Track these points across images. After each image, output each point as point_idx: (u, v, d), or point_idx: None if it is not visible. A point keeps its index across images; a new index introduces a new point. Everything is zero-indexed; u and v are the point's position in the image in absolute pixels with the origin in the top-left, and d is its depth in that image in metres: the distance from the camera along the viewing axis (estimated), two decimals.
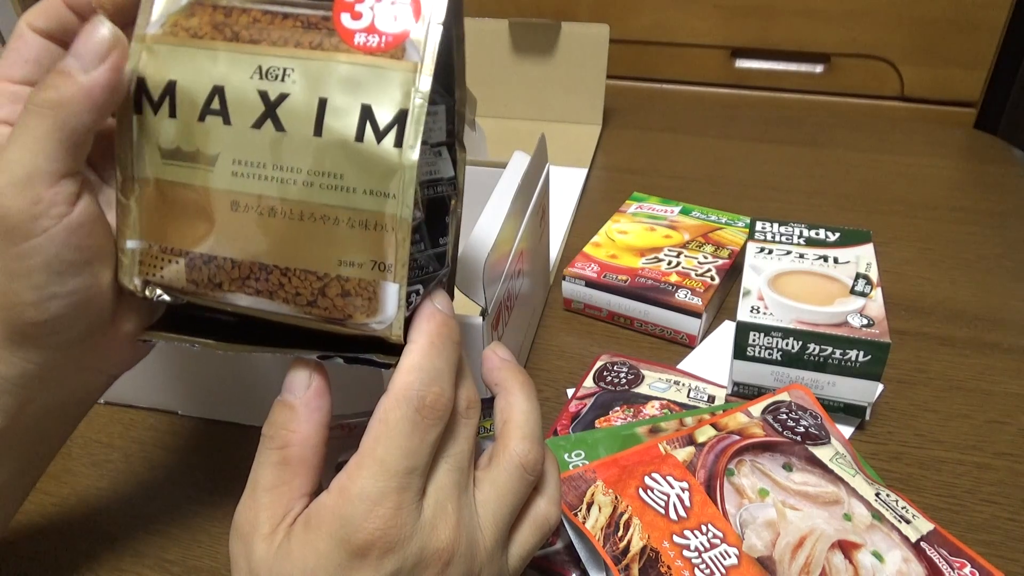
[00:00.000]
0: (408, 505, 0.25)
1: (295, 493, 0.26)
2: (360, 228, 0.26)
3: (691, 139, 0.82)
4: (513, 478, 0.28)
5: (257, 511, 0.26)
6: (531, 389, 0.30)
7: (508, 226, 0.41)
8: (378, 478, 0.25)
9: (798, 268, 0.49)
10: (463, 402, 0.28)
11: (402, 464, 0.25)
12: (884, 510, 0.36)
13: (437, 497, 0.26)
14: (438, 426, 0.26)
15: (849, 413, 0.45)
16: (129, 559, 0.38)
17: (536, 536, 0.30)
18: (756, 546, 0.34)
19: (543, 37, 0.81)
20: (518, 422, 0.29)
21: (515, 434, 0.29)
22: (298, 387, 0.27)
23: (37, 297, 0.26)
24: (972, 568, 0.34)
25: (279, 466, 0.26)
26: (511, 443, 0.28)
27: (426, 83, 0.25)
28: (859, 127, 0.84)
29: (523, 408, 0.29)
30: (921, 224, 0.66)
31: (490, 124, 0.69)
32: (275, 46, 0.26)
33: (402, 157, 0.25)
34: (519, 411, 0.29)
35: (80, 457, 0.44)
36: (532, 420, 0.29)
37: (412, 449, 0.25)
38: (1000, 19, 0.82)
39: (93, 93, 0.25)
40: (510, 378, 0.30)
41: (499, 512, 0.28)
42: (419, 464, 0.25)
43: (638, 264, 0.55)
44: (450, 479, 0.27)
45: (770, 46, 0.91)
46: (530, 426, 0.29)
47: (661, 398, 0.46)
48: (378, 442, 0.25)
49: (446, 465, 0.27)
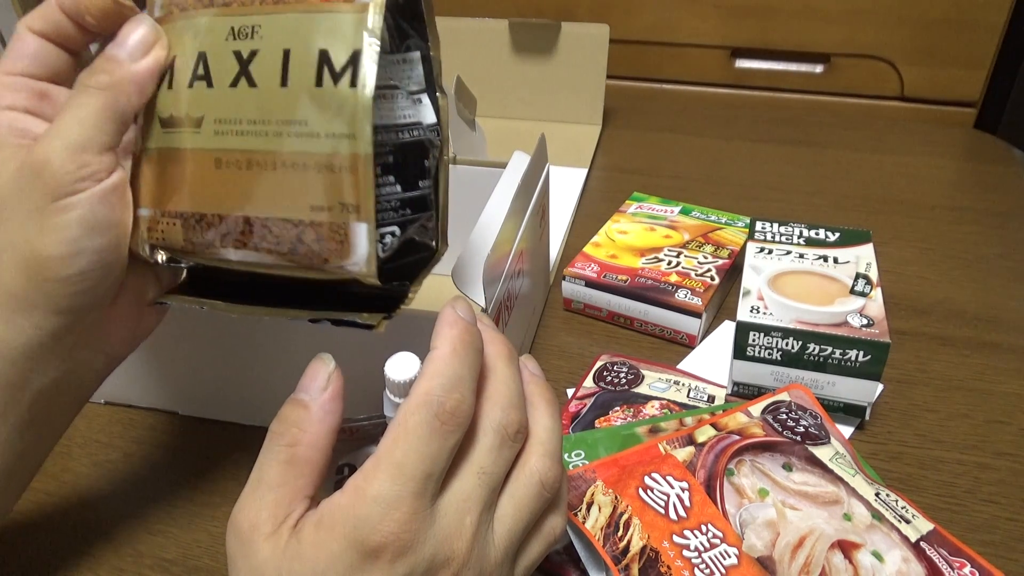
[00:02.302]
0: (423, 510, 0.25)
1: (299, 494, 0.26)
2: (326, 171, 0.26)
3: (691, 139, 0.82)
4: (531, 495, 0.28)
5: (260, 509, 0.26)
6: (556, 407, 0.31)
7: (508, 226, 0.41)
8: (395, 481, 0.25)
9: (798, 268, 0.49)
10: (514, 425, 0.28)
11: (419, 468, 0.25)
12: (884, 510, 0.36)
13: (459, 507, 0.26)
14: (457, 432, 0.26)
15: (849, 413, 0.45)
16: (129, 559, 0.38)
17: (542, 547, 0.30)
18: (756, 546, 0.34)
19: (543, 37, 0.81)
20: (540, 439, 0.29)
21: (537, 450, 0.29)
22: (315, 388, 0.28)
23: (67, 250, 0.28)
24: (972, 568, 0.34)
25: (286, 464, 0.26)
26: (532, 459, 0.28)
27: (376, 20, 0.26)
28: (859, 127, 0.84)
29: (547, 425, 0.29)
30: (921, 224, 0.66)
31: (490, 124, 0.69)
32: (243, 6, 0.27)
33: (357, 96, 0.26)
34: (543, 427, 0.29)
35: (80, 457, 0.44)
36: (554, 438, 0.29)
37: (430, 454, 0.25)
38: (1000, 19, 0.82)
39: (139, 79, 0.29)
40: (537, 393, 0.30)
41: (514, 528, 0.28)
42: (436, 470, 0.25)
43: (638, 264, 0.55)
44: (478, 494, 0.27)
45: (770, 46, 0.91)
46: (552, 443, 0.29)
47: (661, 398, 0.46)
48: (396, 445, 0.25)
49: (478, 480, 0.27)
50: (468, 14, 0.84)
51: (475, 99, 0.60)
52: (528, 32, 0.81)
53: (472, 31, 0.83)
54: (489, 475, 0.27)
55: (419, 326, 0.39)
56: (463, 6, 0.95)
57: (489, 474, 0.27)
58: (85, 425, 0.46)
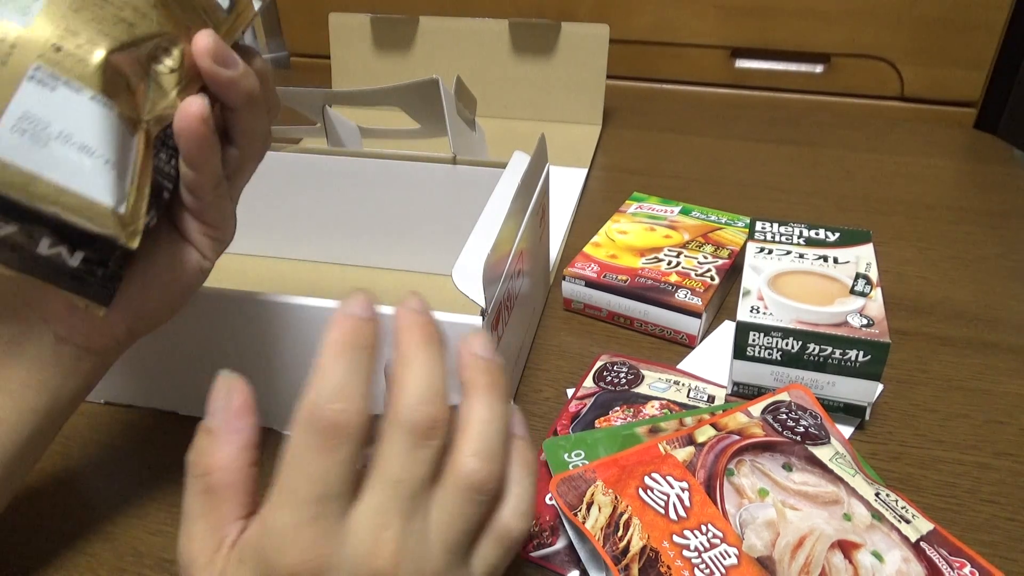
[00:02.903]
0: (327, 533, 0.24)
1: (225, 519, 0.26)
2: None
3: (691, 139, 0.82)
4: (460, 501, 0.25)
5: (191, 543, 0.26)
6: (498, 393, 0.27)
7: (508, 226, 0.41)
8: (291, 509, 0.24)
9: (798, 268, 0.49)
10: (425, 422, 0.25)
11: (311, 492, 0.24)
12: (884, 510, 0.36)
13: (374, 523, 0.24)
14: (345, 445, 0.24)
15: (849, 413, 0.45)
16: (129, 559, 0.38)
17: (499, 550, 0.27)
18: (756, 546, 0.34)
19: (543, 37, 0.81)
20: (471, 435, 0.26)
21: (465, 449, 0.26)
22: (218, 409, 0.27)
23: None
24: (972, 568, 0.34)
25: (204, 494, 0.26)
26: (459, 459, 0.26)
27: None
28: (859, 127, 0.84)
29: (481, 417, 0.26)
30: (921, 224, 0.66)
31: (490, 124, 0.69)
32: None
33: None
34: (476, 420, 0.26)
35: (80, 457, 0.44)
36: (488, 432, 0.26)
37: (319, 475, 0.24)
38: (1000, 19, 0.82)
39: None
40: (474, 379, 0.27)
41: (450, 537, 0.26)
42: (332, 489, 0.24)
43: (638, 264, 0.55)
44: (394, 506, 0.25)
45: (770, 46, 0.91)
46: (484, 440, 0.26)
47: (661, 398, 0.46)
48: (287, 469, 0.24)
49: (392, 491, 0.25)
50: (468, 14, 0.84)
51: (475, 99, 0.60)
52: (528, 32, 0.81)
53: (472, 31, 0.83)
54: (404, 482, 0.25)
55: None
56: (463, 6, 0.95)
57: (403, 481, 0.25)
58: (85, 425, 0.46)
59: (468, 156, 0.53)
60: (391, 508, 0.24)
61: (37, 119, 0.25)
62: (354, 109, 0.74)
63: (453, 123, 0.53)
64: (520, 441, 0.29)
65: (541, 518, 0.39)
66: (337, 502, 0.24)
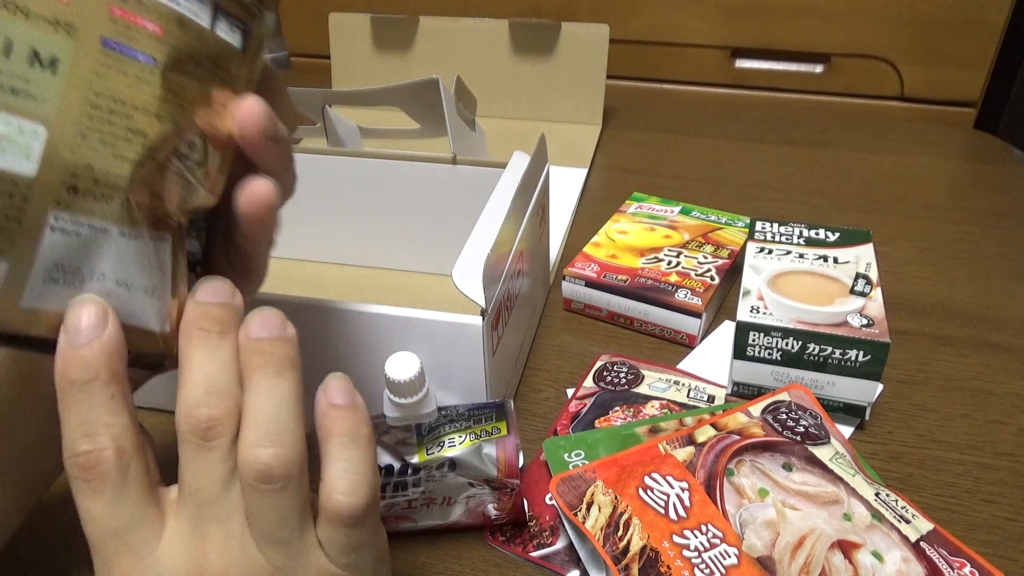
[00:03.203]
0: (137, 565, 0.23)
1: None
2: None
3: (691, 139, 0.82)
4: (256, 496, 0.24)
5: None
6: (271, 370, 0.24)
7: (508, 226, 0.41)
8: (93, 554, 0.23)
9: (798, 268, 0.49)
10: (202, 425, 0.23)
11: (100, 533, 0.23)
12: (884, 510, 0.36)
13: (189, 538, 0.24)
14: (107, 483, 0.23)
15: (849, 413, 0.45)
16: None
17: (336, 529, 0.25)
18: (756, 546, 0.34)
19: (543, 37, 0.81)
20: (245, 424, 0.24)
21: (242, 440, 0.24)
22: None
23: None
24: (972, 568, 0.34)
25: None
26: (240, 452, 0.24)
27: None
28: (859, 127, 0.84)
29: (253, 403, 0.24)
30: (921, 224, 0.66)
31: (490, 124, 0.69)
32: None
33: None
34: (249, 407, 0.24)
35: None
36: (261, 415, 0.24)
37: (97, 516, 0.23)
38: (1000, 19, 0.82)
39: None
40: (247, 363, 0.25)
41: (267, 532, 0.24)
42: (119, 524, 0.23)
43: (638, 264, 0.55)
44: (201, 514, 0.24)
45: (770, 46, 0.91)
46: (259, 425, 0.24)
47: (661, 398, 0.46)
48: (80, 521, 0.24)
49: (193, 502, 0.24)
50: (468, 14, 0.84)
51: (475, 99, 0.60)
52: (528, 32, 0.81)
53: (472, 31, 0.83)
54: (199, 490, 0.24)
55: (419, 327, 0.39)
56: (463, 6, 0.95)
57: (198, 489, 0.24)
58: None
59: (468, 156, 0.53)
60: (201, 517, 0.24)
61: (67, 267, 0.23)
62: (354, 109, 0.74)
63: (453, 123, 0.53)
64: (338, 411, 0.25)
65: (541, 518, 0.39)
66: (135, 533, 0.23)
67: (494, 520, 0.38)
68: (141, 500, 0.24)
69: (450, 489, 0.36)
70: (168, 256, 0.25)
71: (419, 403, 0.35)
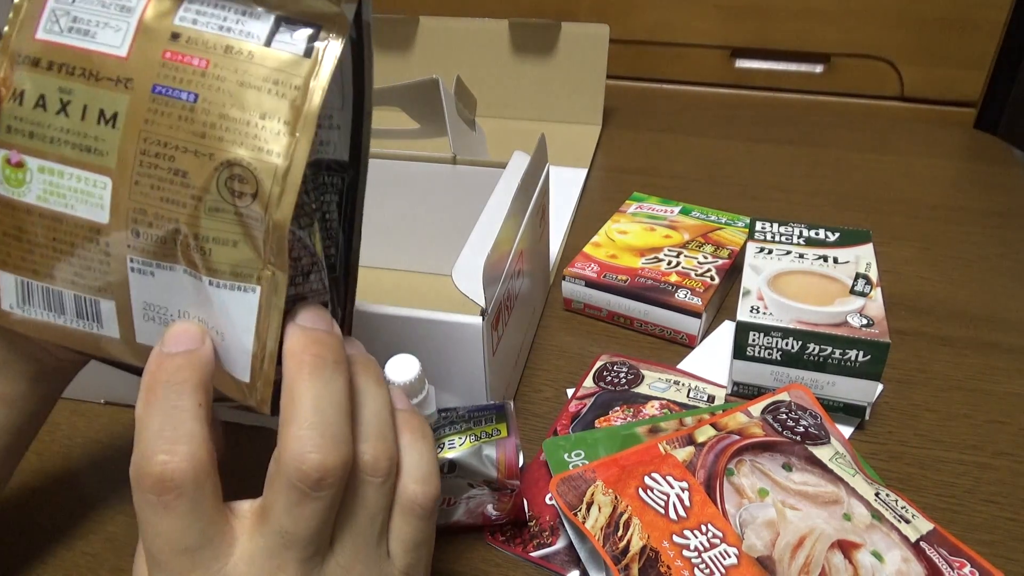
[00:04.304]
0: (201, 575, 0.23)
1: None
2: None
3: (691, 139, 0.82)
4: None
5: None
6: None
7: (508, 226, 0.41)
8: (155, 570, 0.23)
9: (798, 268, 0.49)
10: (313, 473, 0.22)
11: (167, 550, 0.23)
12: (884, 510, 0.36)
13: (261, 565, 0.23)
14: (184, 496, 0.22)
15: (849, 413, 0.45)
16: (129, 559, 0.38)
17: (412, 522, 0.26)
18: (756, 546, 0.34)
19: (543, 37, 0.81)
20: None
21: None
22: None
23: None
24: (972, 568, 0.34)
25: None
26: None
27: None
28: (859, 127, 0.84)
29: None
30: (921, 224, 0.66)
31: (490, 124, 0.69)
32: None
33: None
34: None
35: (80, 457, 0.44)
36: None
37: (166, 533, 0.22)
38: (1000, 19, 0.82)
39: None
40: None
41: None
42: (188, 542, 0.22)
43: (638, 264, 0.55)
44: (285, 554, 0.23)
45: (770, 46, 0.91)
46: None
47: (661, 398, 0.46)
48: (141, 529, 0.23)
49: (277, 539, 0.23)
50: (468, 14, 0.84)
51: (475, 99, 0.60)
52: (528, 32, 0.81)
53: (472, 31, 0.83)
54: (294, 535, 0.23)
55: (419, 327, 0.39)
56: (463, 6, 0.95)
57: (293, 534, 0.23)
58: (85, 425, 0.46)
59: (468, 156, 0.53)
60: (282, 550, 0.23)
61: (155, 305, 0.25)
62: None
63: (453, 123, 0.53)
64: (406, 413, 0.27)
65: (541, 518, 0.39)
66: (205, 550, 0.22)
67: (494, 520, 0.38)
68: (214, 517, 0.23)
69: (450, 490, 0.36)
70: (253, 307, 0.24)
71: (419, 405, 0.35)
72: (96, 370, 0.33)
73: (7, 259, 0.26)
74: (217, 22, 0.23)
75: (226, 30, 0.23)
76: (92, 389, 0.47)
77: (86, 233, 0.24)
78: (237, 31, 0.23)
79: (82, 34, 0.24)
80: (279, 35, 0.23)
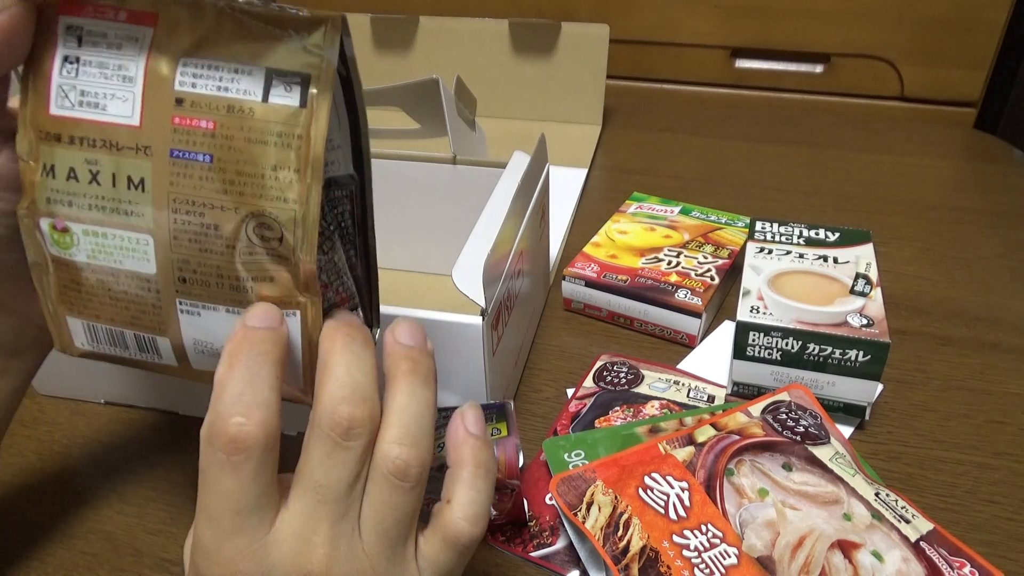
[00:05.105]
0: (249, 547, 0.24)
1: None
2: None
3: (691, 139, 0.82)
4: (385, 490, 0.25)
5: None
6: (419, 378, 0.26)
7: (508, 226, 0.41)
8: (208, 527, 0.24)
9: (798, 268, 0.49)
10: (344, 423, 0.24)
11: (223, 508, 0.23)
12: (884, 510, 0.36)
13: (301, 529, 0.24)
14: (252, 458, 0.23)
15: (849, 413, 0.45)
16: (129, 559, 0.38)
17: (449, 553, 0.26)
18: (756, 546, 0.34)
19: (543, 37, 0.81)
20: (389, 422, 0.25)
21: (384, 435, 0.25)
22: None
23: None
24: (972, 568, 0.34)
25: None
26: (379, 447, 0.25)
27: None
28: (859, 127, 0.84)
29: (401, 404, 0.25)
30: (921, 224, 0.66)
31: (490, 124, 0.69)
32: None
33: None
34: (395, 407, 0.25)
35: (80, 457, 0.44)
36: (407, 417, 0.25)
37: (228, 492, 0.23)
38: (1000, 19, 0.82)
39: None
40: (395, 366, 0.26)
41: (381, 530, 0.25)
42: (244, 504, 0.23)
43: (638, 264, 0.55)
44: (320, 511, 0.24)
45: (770, 46, 0.91)
46: (402, 425, 0.25)
47: (661, 398, 0.46)
48: (200, 486, 0.24)
49: (315, 496, 0.24)
50: (468, 14, 0.84)
51: (475, 99, 0.60)
52: (528, 32, 0.81)
53: (472, 31, 0.83)
54: (326, 487, 0.24)
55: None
56: (463, 6, 0.95)
57: (326, 486, 0.24)
58: (85, 425, 0.46)
59: (468, 156, 0.53)
60: (317, 513, 0.24)
61: (204, 342, 0.28)
62: None
63: (453, 123, 0.53)
64: (475, 440, 0.27)
65: (541, 518, 0.39)
66: (255, 515, 0.24)
67: (494, 520, 0.38)
68: (269, 487, 0.24)
69: None
70: (297, 329, 0.27)
71: None
72: (96, 370, 0.33)
73: (72, 306, 0.29)
74: (214, 83, 0.25)
75: (223, 90, 0.25)
76: (92, 389, 0.47)
77: (137, 283, 0.27)
78: (234, 90, 0.25)
79: (93, 107, 0.26)
80: (274, 90, 0.25)
